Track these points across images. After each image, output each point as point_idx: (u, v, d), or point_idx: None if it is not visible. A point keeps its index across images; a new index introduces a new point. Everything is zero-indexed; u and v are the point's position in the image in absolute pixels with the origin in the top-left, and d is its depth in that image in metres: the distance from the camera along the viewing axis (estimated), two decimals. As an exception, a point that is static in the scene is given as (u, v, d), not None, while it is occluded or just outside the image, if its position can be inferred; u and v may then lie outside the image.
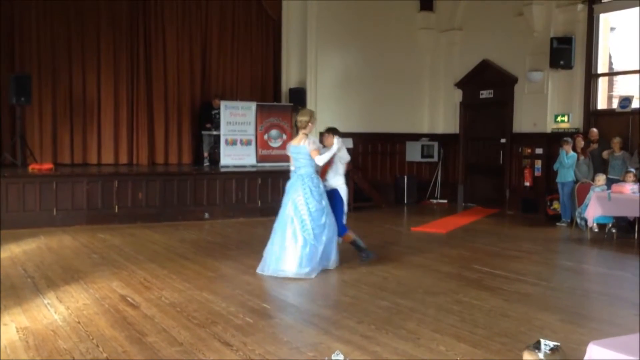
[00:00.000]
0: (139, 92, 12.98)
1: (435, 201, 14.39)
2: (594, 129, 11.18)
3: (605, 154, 10.63)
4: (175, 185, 10.94)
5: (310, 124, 7.25)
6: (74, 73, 12.41)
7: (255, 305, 5.60)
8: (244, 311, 5.39)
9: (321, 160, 7.10)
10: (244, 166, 12.36)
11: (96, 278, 6.57)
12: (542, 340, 2.60)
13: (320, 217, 6.99)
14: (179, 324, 5.02)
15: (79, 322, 5.05)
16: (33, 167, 10.54)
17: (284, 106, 13.37)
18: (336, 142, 7.32)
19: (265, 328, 4.95)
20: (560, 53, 11.60)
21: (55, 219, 9.99)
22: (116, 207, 10.46)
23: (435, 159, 14.49)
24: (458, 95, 14.28)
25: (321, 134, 8.12)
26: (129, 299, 5.78)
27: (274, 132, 12.91)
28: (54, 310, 5.39)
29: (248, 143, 12.61)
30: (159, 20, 13.11)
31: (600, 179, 9.72)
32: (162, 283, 6.39)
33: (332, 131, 7.51)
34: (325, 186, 7.30)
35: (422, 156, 14.29)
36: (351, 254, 7.82)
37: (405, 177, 14.14)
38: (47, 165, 10.82)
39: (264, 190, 11.64)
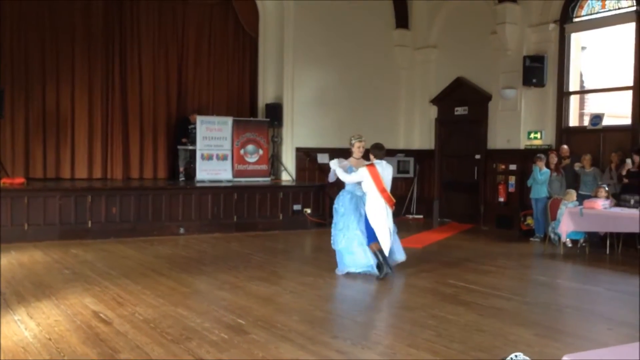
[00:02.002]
0: (113, 107, 12.89)
1: (411, 216, 14.46)
2: (565, 146, 11.37)
3: (576, 165, 10.80)
4: (150, 200, 10.84)
5: (352, 148, 8.06)
6: (47, 87, 12.29)
7: (230, 321, 5.55)
8: (219, 327, 5.34)
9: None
10: (220, 181, 12.30)
11: (68, 294, 6.46)
12: None
13: (338, 223, 7.87)
14: (153, 341, 4.95)
15: (50, 339, 4.95)
16: (4, 182, 10.38)
17: (260, 121, 13.38)
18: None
19: (240, 344, 4.91)
20: (533, 71, 11.81)
21: (27, 234, 9.83)
22: (89, 222, 10.32)
23: (411, 174, 14.58)
24: (433, 111, 14.43)
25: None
26: (101, 315, 5.69)
27: (250, 147, 12.89)
28: (24, 327, 5.28)
29: (224, 158, 12.57)
30: (134, 34, 13.06)
31: (571, 195, 9.87)
32: (135, 299, 6.30)
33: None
34: None
35: (398, 172, 14.35)
36: (324, 268, 7.83)
37: (381, 192, 14.16)
38: (19, 180, 10.66)
39: (240, 205, 11.59)
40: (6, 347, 4.74)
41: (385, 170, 7.70)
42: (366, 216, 7.62)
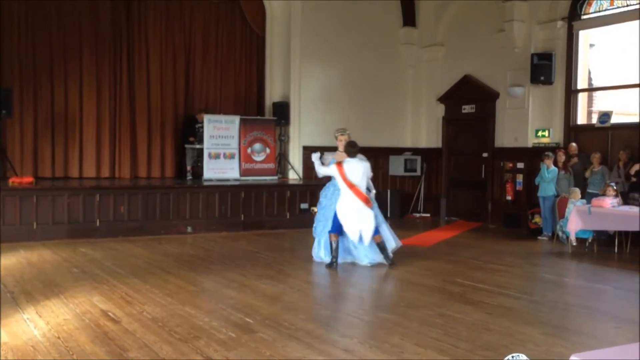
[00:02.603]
0: (121, 106, 12.94)
1: (418, 215, 14.45)
2: (573, 144, 11.32)
3: (588, 173, 10.73)
4: (157, 198, 10.88)
5: (337, 142, 8.60)
6: (55, 87, 12.34)
7: (237, 319, 5.57)
8: (226, 325, 5.36)
9: None
10: (227, 180, 12.32)
11: (77, 293, 6.49)
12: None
13: (319, 214, 8.50)
14: (161, 339, 4.97)
15: (58, 338, 4.99)
16: (13, 181, 10.43)
17: (267, 120, 13.39)
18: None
19: (248, 342, 4.92)
20: (541, 69, 11.76)
21: (36, 233, 9.88)
22: (98, 221, 10.37)
23: (418, 173, 14.56)
24: (440, 110, 14.40)
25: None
26: (110, 313, 5.72)
27: (257, 145, 12.90)
28: (33, 326, 5.32)
29: (231, 157, 12.59)
30: (142, 33, 13.10)
31: (576, 193, 9.84)
32: (143, 297, 6.33)
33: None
34: None
35: (405, 170, 14.35)
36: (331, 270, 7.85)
37: (389, 191, 14.18)
38: (28, 179, 10.71)
39: (247, 204, 11.61)
40: (15, 346, 4.78)
41: (355, 167, 8.11)
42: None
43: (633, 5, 10.91)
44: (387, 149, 14.52)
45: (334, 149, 13.68)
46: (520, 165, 12.41)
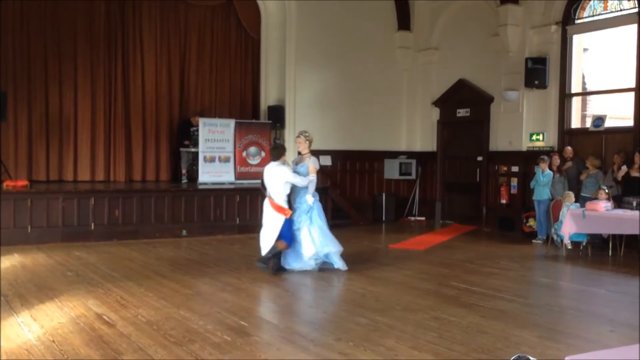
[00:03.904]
0: (116, 109, 12.92)
1: (413, 218, 14.45)
2: (569, 147, 11.37)
3: (583, 176, 10.77)
4: (152, 202, 10.86)
5: None
6: (50, 90, 12.33)
7: (232, 322, 5.57)
8: (221, 329, 5.35)
9: None
10: (222, 183, 12.32)
11: (71, 296, 6.48)
12: None
13: None
14: (156, 343, 4.96)
15: (53, 341, 4.97)
16: (7, 184, 10.40)
17: (262, 123, 13.39)
18: None
19: (243, 346, 4.92)
20: (535, 73, 11.81)
21: (30, 237, 9.86)
22: (92, 224, 10.35)
23: (413, 176, 14.58)
24: (435, 113, 14.43)
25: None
26: (104, 317, 5.70)
27: (252, 149, 12.91)
28: (28, 329, 5.30)
29: (226, 160, 12.59)
30: (137, 37, 13.10)
31: (570, 196, 9.87)
32: (138, 301, 6.32)
33: None
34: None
35: (400, 174, 14.37)
36: (326, 270, 7.85)
37: (384, 194, 14.20)
38: (22, 182, 10.68)
39: (242, 207, 11.61)
40: (10, 350, 4.76)
41: (270, 171, 7.97)
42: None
43: (627, 9, 10.97)
44: (382, 152, 14.54)
45: (327, 152, 13.79)
46: (514, 168, 12.44)
